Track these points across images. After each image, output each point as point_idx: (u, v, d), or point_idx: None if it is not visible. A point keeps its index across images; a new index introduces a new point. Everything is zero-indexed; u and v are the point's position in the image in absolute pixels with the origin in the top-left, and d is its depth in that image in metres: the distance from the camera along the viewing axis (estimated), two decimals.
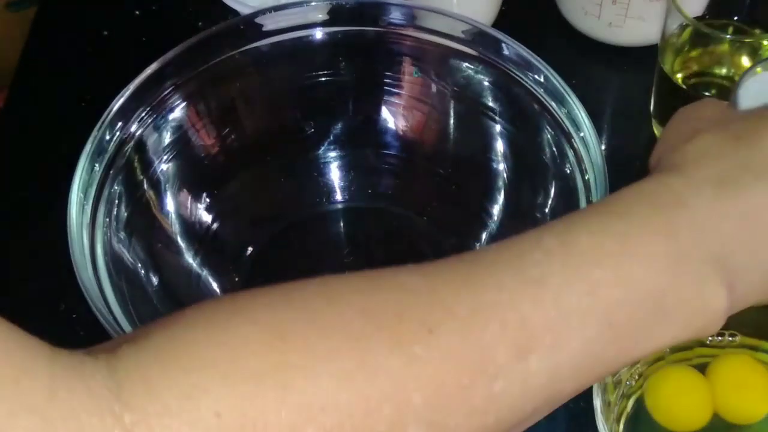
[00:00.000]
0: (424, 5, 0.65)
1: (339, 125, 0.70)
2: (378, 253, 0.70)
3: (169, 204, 0.66)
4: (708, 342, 0.60)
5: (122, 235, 0.61)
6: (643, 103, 0.73)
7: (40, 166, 0.73)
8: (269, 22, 0.65)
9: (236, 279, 0.66)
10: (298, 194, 0.69)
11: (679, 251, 0.39)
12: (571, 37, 0.78)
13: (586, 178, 0.58)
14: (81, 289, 0.54)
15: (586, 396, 0.60)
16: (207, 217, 0.68)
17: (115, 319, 0.55)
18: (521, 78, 0.63)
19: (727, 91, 0.65)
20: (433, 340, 0.35)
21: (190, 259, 0.66)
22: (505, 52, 0.63)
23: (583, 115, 0.59)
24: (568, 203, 0.60)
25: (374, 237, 0.71)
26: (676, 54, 0.67)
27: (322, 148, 0.71)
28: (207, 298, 0.64)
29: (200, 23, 0.80)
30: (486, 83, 0.66)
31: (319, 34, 0.67)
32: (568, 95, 0.60)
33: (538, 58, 0.62)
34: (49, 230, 0.61)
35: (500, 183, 0.67)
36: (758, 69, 0.59)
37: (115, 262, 0.59)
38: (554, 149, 0.62)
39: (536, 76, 0.62)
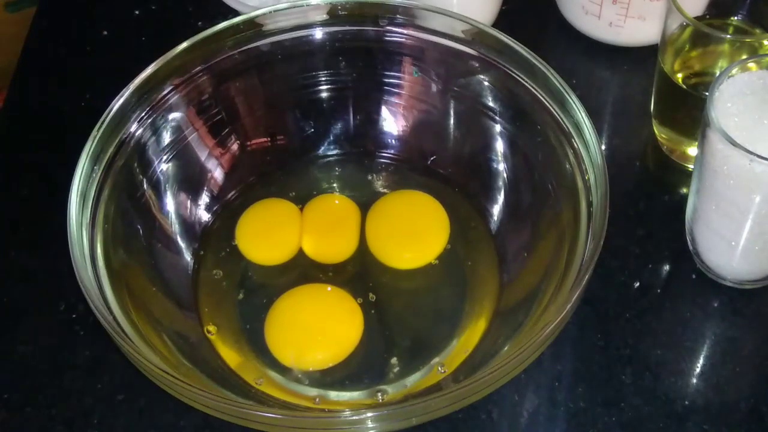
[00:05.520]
0: (424, 5, 0.65)
1: (339, 125, 0.70)
2: None
3: (169, 204, 0.66)
4: None
5: (122, 235, 0.61)
6: (643, 103, 0.73)
7: (40, 166, 0.73)
8: (269, 22, 0.65)
9: (236, 278, 0.66)
10: (298, 194, 0.69)
11: None
12: (571, 37, 0.78)
13: (586, 178, 0.58)
14: (81, 289, 0.54)
15: (586, 396, 0.61)
16: (207, 217, 0.68)
17: (115, 319, 0.55)
18: (521, 78, 0.63)
19: None
20: None
21: (189, 258, 0.66)
22: (505, 52, 0.63)
23: (583, 115, 0.59)
24: (568, 203, 0.60)
25: None
26: (676, 54, 0.67)
27: (322, 148, 0.71)
28: (207, 297, 0.65)
29: (200, 23, 0.80)
30: (486, 83, 0.66)
31: (319, 34, 0.67)
32: (568, 95, 0.60)
33: (538, 58, 0.62)
34: (49, 230, 0.61)
35: (500, 183, 0.67)
36: (733, 71, 0.59)
37: (115, 262, 0.59)
38: (554, 149, 0.62)
39: (536, 76, 0.62)
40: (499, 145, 0.67)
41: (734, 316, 0.64)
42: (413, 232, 0.67)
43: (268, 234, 0.67)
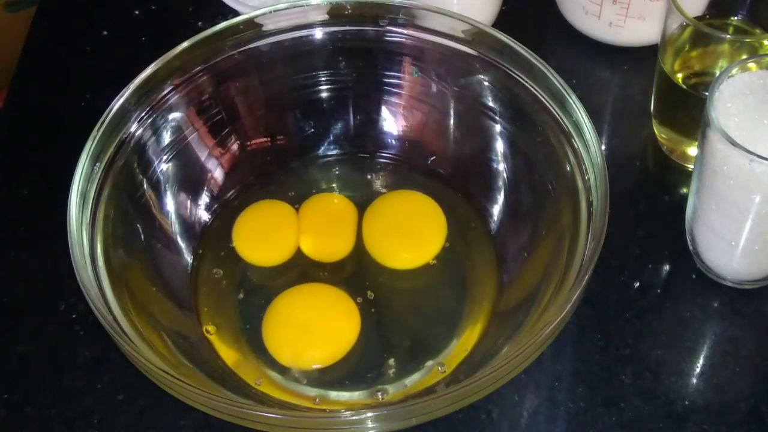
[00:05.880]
0: (424, 5, 0.65)
1: (339, 125, 0.70)
2: None
3: (169, 204, 0.66)
4: None
5: (122, 235, 0.61)
6: (643, 103, 0.73)
7: (40, 166, 0.73)
8: (269, 22, 0.65)
9: (236, 278, 0.66)
10: (297, 193, 0.69)
11: None
12: (571, 37, 0.78)
13: (586, 178, 0.58)
14: (81, 289, 0.54)
15: (586, 396, 0.61)
16: (206, 217, 0.68)
17: (114, 319, 0.55)
18: (521, 78, 0.63)
19: None
20: None
21: (189, 258, 0.66)
22: (505, 52, 0.63)
23: (583, 115, 0.59)
24: (568, 203, 0.60)
25: None
26: (676, 54, 0.67)
27: (322, 148, 0.71)
28: (207, 297, 0.65)
29: (200, 23, 0.80)
30: (486, 83, 0.66)
31: (319, 34, 0.67)
32: (568, 95, 0.60)
33: (538, 58, 0.62)
34: (49, 230, 0.61)
35: (500, 183, 0.67)
36: (733, 71, 0.59)
37: (115, 262, 0.59)
38: (554, 149, 0.62)
39: (536, 76, 0.62)
40: (499, 145, 0.67)
41: (734, 316, 0.64)
42: (410, 232, 0.67)
43: (264, 236, 0.67)
